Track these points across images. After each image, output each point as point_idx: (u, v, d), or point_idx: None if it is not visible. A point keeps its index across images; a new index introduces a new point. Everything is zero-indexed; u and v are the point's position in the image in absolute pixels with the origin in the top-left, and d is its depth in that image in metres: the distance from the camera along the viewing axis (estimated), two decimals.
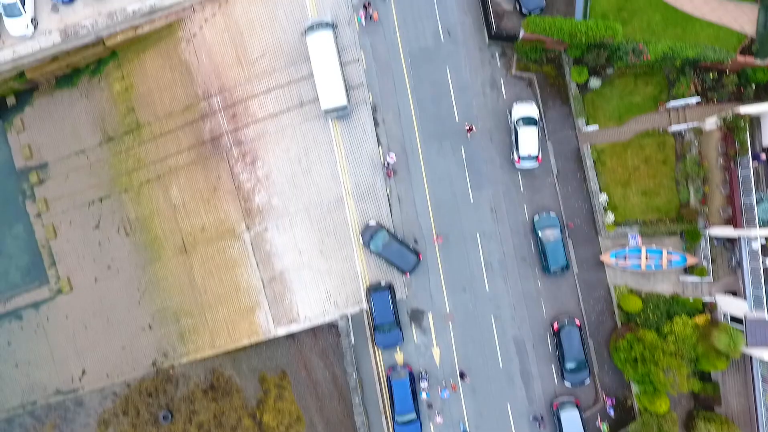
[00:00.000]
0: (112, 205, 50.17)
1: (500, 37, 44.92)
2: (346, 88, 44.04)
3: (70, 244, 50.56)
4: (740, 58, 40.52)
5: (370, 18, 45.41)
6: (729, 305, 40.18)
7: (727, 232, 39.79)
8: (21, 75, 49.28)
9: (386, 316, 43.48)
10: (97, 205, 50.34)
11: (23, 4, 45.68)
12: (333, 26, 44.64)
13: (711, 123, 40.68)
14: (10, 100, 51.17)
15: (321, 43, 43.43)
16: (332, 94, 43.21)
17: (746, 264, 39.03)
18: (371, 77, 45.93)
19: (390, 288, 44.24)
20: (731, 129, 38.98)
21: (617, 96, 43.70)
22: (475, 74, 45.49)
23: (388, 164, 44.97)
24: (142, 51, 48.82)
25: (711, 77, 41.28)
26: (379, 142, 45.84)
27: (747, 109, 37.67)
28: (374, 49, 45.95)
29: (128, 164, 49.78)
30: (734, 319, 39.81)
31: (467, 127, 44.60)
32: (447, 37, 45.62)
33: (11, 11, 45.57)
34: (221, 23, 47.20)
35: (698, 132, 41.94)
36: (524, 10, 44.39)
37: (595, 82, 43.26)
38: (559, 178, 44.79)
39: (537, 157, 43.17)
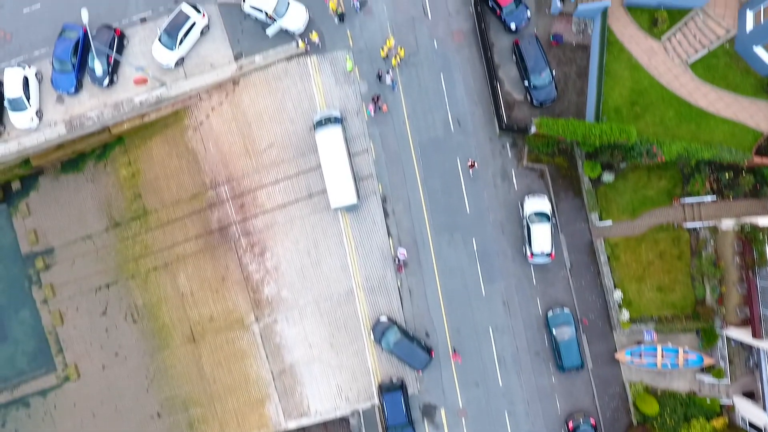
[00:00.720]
0: (119, 292, 49.66)
1: (511, 129, 44.36)
2: (356, 186, 43.47)
3: (77, 331, 50.05)
4: (757, 159, 39.93)
5: (380, 109, 44.88)
6: (748, 410, 39.58)
7: (746, 338, 39.19)
8: (26, 162, 48.82)
9: (399, 417, 42.90)
10: (104, 291, 49.84)
11: (28, 98, 45.20)
12: (342, 120, 44.10)
13: (727, 224, 40.11)
14: (15, 185, 50.69)
15: (330, 141, 42.87)
16: (342, 193, 42.65)
17: (766, 375, 38.44)
18: (381, 168, 45.41)
19: (402, 386, 43.64)
20: (749, 239, 38.40)
21: (631, 189, 43.09)
22: (485, 165, 44.93)
23: (398, 260, 44.37)
24: (149, 137, 48.33)
25: (727, 176, 40.66)
26: (389, 234, 45.29)
27: (766, 222, 37.08)
28: (384, 139, 45.42)
29: (135, 251, 49.26)
30: (753, 425, 39.19)
31: (469, 164, 44.05)
32: (457, 127, 45.09)
33: (16, 105, 45.15)
34: (228, 113, 46.69)
35: (714, 231, 41.33)
36: (535, 103, 43.87)
37: (608, 177, 42.67)
38: (572, 271, 44.20)
39: (550, 253, 42.57)
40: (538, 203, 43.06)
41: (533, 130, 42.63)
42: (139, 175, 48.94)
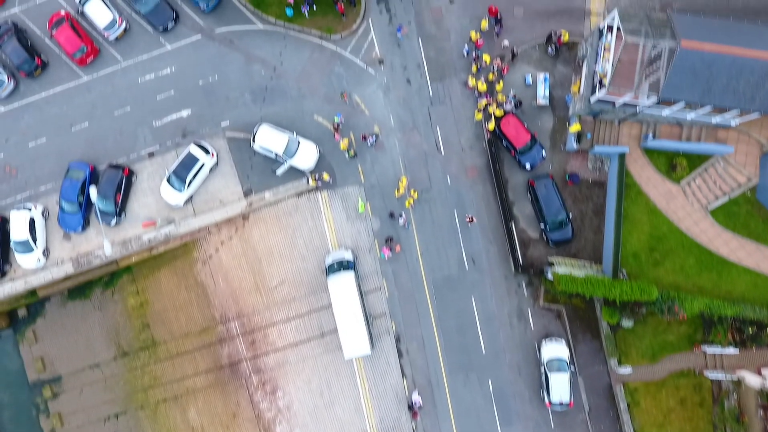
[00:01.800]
0: (129, 422, 48.84)
1: (527, 270, 43.54)
2: (370, 336, 42.58)
3: None
4: None
5: (393, 250, 44.05)
6: None
7: None
8: (32, 293, 48.08)
9: None
10: (113, 421, 49.02)
11: (34, 239, 44.44)
12: (354, 264, 43.20)
13: (751, 381, 39.19)
14: (22, 312, 49.99)
15: (343, 289, 41.96)
16: (356, 344, 41.78)
17: None
18: (394, 306, 44.59)
19: None
20: None
21: (650, 334, 42.16)
22: (501, 304, 44.07)
23: (413, 405, 43.50)
24: (157, 268, 47.56)
25: (750, 330, 39.75)
26: (403, 374, 44.43)
27: None
28: (397, 276, 44.60)
29: (144, 381, 48.46)
30: None
31: (468, 219, 43.45)
32: (471, 265, 44.23)
33: (23, 248, 44.47)
34: (238, 247, 45.91)
35: (737, 384, 40.42)
36: (551, 243, 43.06)
37: (627, 323, 41.74)
38: (591, 415, 43.29)
39: (569, 402, 41.66)
40: (556, 349, 42.14)
41: (550, 276, 41.78)
42: (148, 305, 48.16)
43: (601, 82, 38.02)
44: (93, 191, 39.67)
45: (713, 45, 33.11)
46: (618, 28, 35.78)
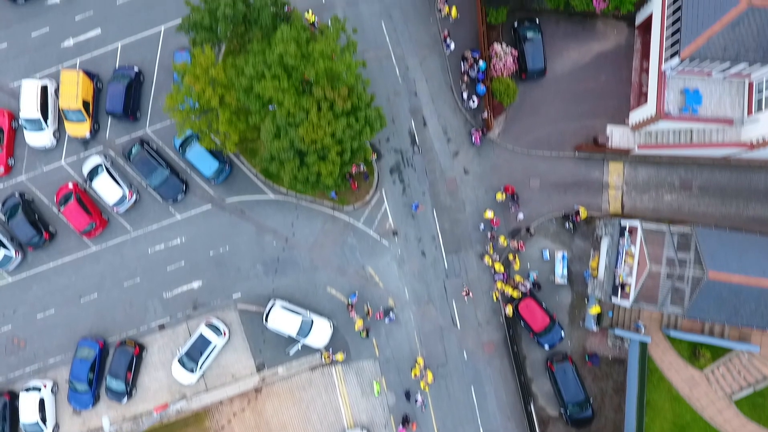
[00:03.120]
0: None
1: None
2: None
3: None
4: None
5: (409, 430, 43.24)
6: None
7: None
8: None
9: None
10: None
11: (44, 420, 43.61)
12: None
13: None
14: None
15: None
16: None
17: None
18: None
19: None
20: None
21: None
22: None
23: None
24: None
25: None
26: None
27: None
28: None
29: None
30: None
31: (464, 292, 42.93)
32: None
33: (33, 429, 43.59)
34: (251, 420, 45.08)
35: None
36: (571, 423, 42.21)
37: None
38: None
39: None
40: None
41: None
42: None
43: (623, 287, 37.12)
44: (106, 423, 39.01)
45: (741, 277, 32.22)
46: (641, 244, 34.95)
